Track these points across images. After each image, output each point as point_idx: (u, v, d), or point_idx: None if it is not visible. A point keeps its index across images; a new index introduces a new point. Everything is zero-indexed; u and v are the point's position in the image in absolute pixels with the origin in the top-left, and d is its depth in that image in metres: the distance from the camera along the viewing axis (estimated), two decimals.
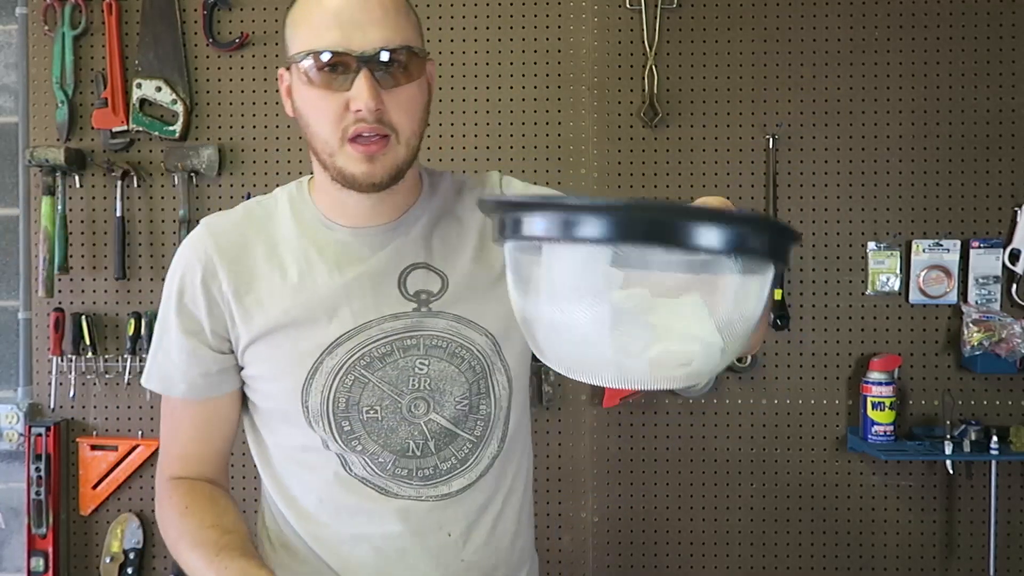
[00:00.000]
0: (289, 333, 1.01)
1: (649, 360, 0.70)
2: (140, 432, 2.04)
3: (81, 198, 2.04)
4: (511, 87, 2.04)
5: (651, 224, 0.63)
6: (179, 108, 2.01)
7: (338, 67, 0.93)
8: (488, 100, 2.04)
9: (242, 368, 1.06)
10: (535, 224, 0.67)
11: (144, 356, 1.75)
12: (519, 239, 0.70)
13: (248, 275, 1.03)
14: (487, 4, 2.03)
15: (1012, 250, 1.99)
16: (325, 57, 0.92)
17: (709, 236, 0.63)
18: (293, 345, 1.02)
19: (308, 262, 1.03)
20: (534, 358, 0.84)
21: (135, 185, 2.03)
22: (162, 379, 1.07)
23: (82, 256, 2.04)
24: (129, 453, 2.03)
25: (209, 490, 1.06)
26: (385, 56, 0.92)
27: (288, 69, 0.99)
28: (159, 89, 2.01)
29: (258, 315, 1.02)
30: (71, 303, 2.04)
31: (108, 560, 2.02)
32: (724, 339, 0.70)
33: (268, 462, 1.10)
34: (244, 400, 1.10)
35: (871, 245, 2.02)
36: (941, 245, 2.01)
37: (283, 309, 1.02)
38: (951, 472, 1.97)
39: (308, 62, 0.93)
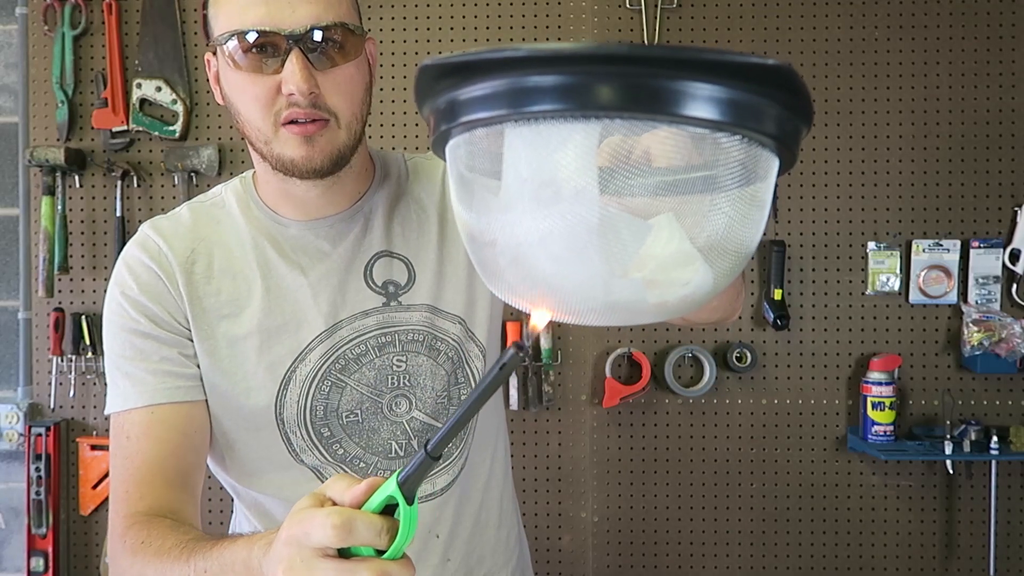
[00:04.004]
0: (255, 343, 0.95)
1: (644, 279, 0.57)
2: None
3: (81, 198, 2.04)
4: None
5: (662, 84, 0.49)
6: (179, 108, 2.01)
7: (266, 48, 0.85)
8: None
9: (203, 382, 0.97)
10: (498, 99, 0.52)
11: None
12: (471, 126, 0.54)
13: (205, 285, 0.96)
14: (487, 4, 2.03)
15: (1012, 250, 1.99)
16: (251, 37, 0.85)
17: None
18: (261, 356, 0.95)
19: (268, 265, 0.97)
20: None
21: (135, 185, 2.03)
22: (125, 396, 0.94)
23: (82, 256, 2.04)
24: None
25: (171, 522, 0.87)
26: (317, 35, 0.85)
27: (214, 54, 0.91)
28: (159, 89, 2.01)
29: (219, 327, 0.95)
30: (71, 303, 2.04)
31: (108, 560, 2.02)
32: (719, 251, 0.57)
33: (238, 482, 1.02)
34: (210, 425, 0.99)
35: (871, 245, 2.02)
36: (941, 245, 2.01)
37: (247, 318, 0.95)
38: (951, 472, 1.97)
39: (233, 44, 0.86)
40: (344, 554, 0.59)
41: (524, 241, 0.54)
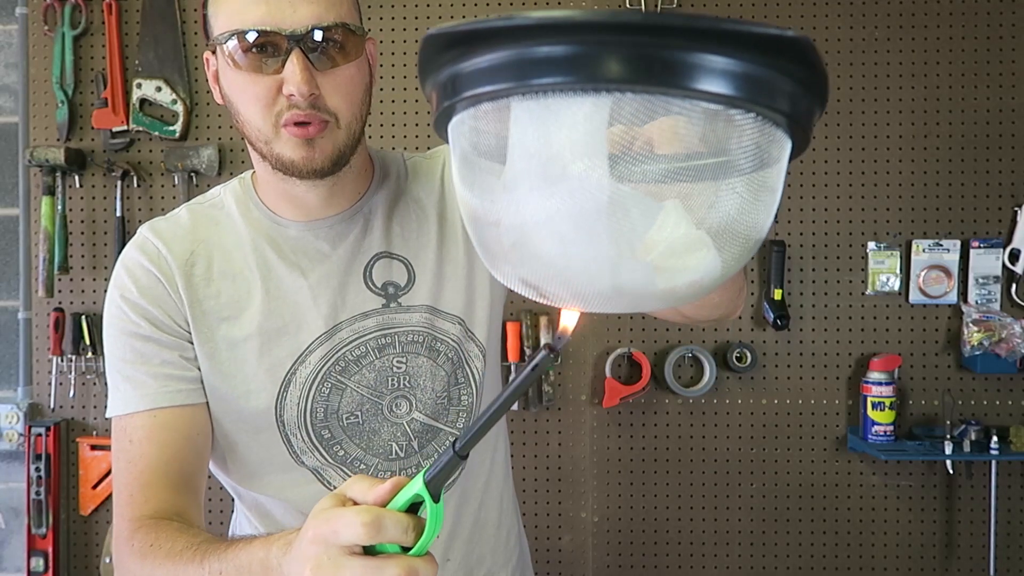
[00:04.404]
0: (254, 345, 0.95)
1: (652, 262, 0.54)
2: None
3: (81, 198, 2.04)
4: None
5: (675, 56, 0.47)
6: (179, 108, 2.01)
7: (267, 47, 0.85)
8: None
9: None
10: (505, 71, 0.50)
11: None
12: (476, 100, 0.52)
13: (204, 287, 0.96)
14: (487, 4, 2.03)
15: (1012, 250, 1.99)
16: (251, 37, 0.84)
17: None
18: (261, 358, 0.95)
19: (267, 267, 0.97)
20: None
21: (135, 185, 2.03)
22: (126, 400, 0.93)
23: (82, 256, 2.04)
24: None
25: (178, 525, 0.87)
26: (318, 35, 0.85)
27: (213, 53, 0.90)
28: (159, 89, 2.01)
29: (219, 329, 0.95)
30: (71, 303, 2.04)
31: (108, 560, 2.03)
32: (729, 236, 0.55)
33: (239, 484, 1.02)
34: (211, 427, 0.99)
35: (871, 245, 2.02)
36: (941, 245, 2.01)
37: (246, 321, 0.95)
38: (951, 472, 1.97)
39: (233, 43, 0.85)
40: (369, 552, 0.60)
41: (530, 220, 0.52)
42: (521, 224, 0.53)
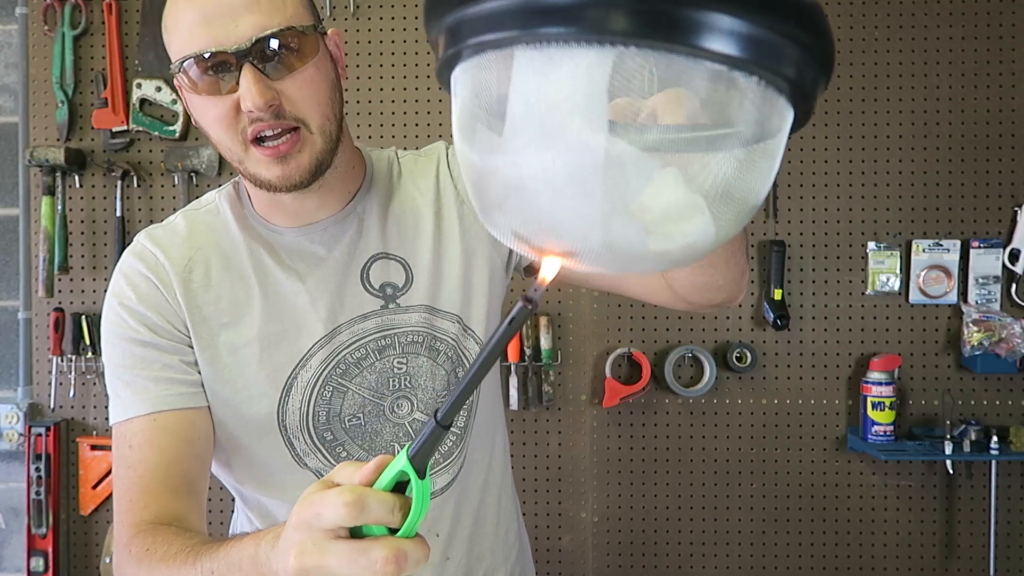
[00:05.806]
0: (255, 351, 0.95)
1: (645, 223, 0.53)
2: None
3: (81, 198, 2.04)
4: None
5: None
6: (179, 108, 2.01)
7: (218, 68, 0.84)
8: None
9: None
10: (509, 19, 0.50)
11: None
12: (480, 48, 0.52)
13: (204, 293, 0.96)
14: None
15: (1012, 250, 1.99)
16: (200, 61, 0.83)
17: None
18: (262, 363, 0.95)
19: (264, 272, 0.97)
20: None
21: (135, 185, 2.03)
22: (126, 405, 0.93)
23: (82, 256, 2.04)
24: None
25: (176, 529, 0.86)
26: (269, 43, 0.83)
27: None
28: (159, 89, 2.01)
29: (220, 335, 0.95)
30: (71, 303, 2.04)
31: (108, 560, 2.03)
32: (723, 203, 0.54)
33: (241, 485, 1.02)
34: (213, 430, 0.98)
35: (871, 245, 2.02)
36: (941, 245, 2.01)
37: (246, 326, 0.95)
38: (951, 472, 1.97)
39: (186, 68, 0.85)
40: (356, 534, 0.58)
41: (526, 171, 0.52)
42: (517, 175, 0.52)
